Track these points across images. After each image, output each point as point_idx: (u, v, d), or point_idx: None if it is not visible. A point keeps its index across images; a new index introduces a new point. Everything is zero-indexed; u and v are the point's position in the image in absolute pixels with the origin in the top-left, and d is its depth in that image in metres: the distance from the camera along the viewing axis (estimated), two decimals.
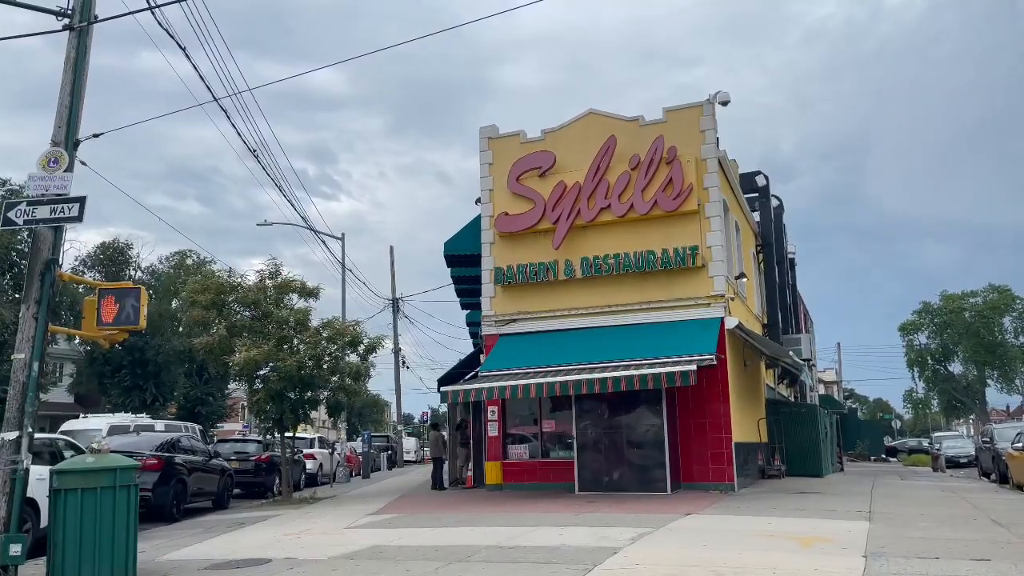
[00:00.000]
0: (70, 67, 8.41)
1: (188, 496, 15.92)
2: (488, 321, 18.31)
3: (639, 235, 17.21)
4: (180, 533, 12.30)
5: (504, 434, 18.00)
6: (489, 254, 18.43)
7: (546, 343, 17.30)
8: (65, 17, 8.44)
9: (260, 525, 12.98)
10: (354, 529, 11.75)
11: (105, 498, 7.63)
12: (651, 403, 16.17)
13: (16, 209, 8.12)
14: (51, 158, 8.18)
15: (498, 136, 18.88)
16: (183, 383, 35.33)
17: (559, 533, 10.06)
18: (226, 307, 18.22)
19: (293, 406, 17.99)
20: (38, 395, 8.03)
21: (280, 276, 18.65)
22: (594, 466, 16.52)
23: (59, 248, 8.40)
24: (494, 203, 18.47)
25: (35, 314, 7.96)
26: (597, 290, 17.45)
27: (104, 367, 33.07)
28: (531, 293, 17.94)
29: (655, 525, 10.51)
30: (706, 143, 17.22)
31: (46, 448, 10.92)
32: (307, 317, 18.57)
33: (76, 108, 8.43)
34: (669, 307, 16.85)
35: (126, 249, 33.91)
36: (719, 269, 16.75)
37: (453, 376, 21.99)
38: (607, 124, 17.84)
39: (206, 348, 18.00)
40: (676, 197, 16.83)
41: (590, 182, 17.49)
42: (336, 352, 18.67)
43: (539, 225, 17.80)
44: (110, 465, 7.89)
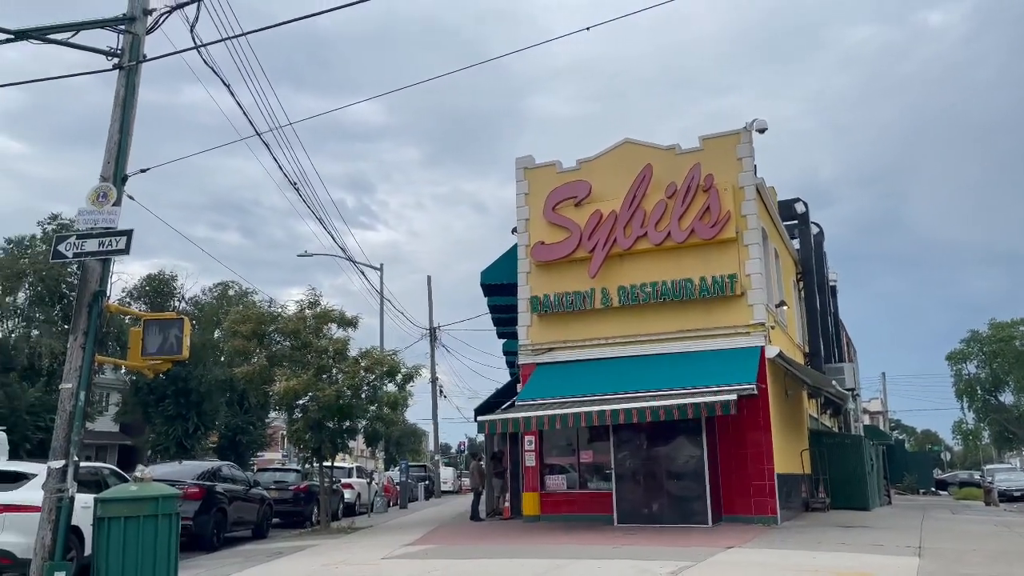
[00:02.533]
0: (119, 105, 8.70)
1: (228, 525, 16.02)
2: (525, 350, 18.29)
3: (676, 263, 17.11)
4: (220, 562, 12.37)
5: (541, 464, 17.86)
6: (525, 283, 18.45)
7: (583, 372, 17.19)
8: (115, 57, 8.74)
9: (298, 555, 13.01)
10: (391, 560, 11.71)
11: (147, 526, 7.73)
12: (691, 433, 15.94)
13: (66, 242, 8.37)
14: (100, 193, 8.43)
15: (534, 166, 19.00)
16: (224, 412, 35.76)
17: (598, 566, 9.92)
18: (266, 337, 18.48)
19: (332, 435, 18.11)
20: (84, 424, 8.18)
21: (319, 306, 18.88)
22: (633, 497, 16.29)
23: (107, 280, 8.61)
24: (530, 232, 18.53)
25: (82, 344, 8.15)
26: (634, 319, 17.33)
27: (149, 396, 33.65)
28: (568, 322, 17.89)
29: (696, 558, 10.30)
30: (743, 171, 17.11)
31: (91, 477, 11.11)
32: (346, 347, 18.74)
33: (124, 144, 8.70)
34: (708, 336, 16.66)
35: (171, 280, 34.64)
36: (758, 297, 16.54)
37: (490, 405, 21.93)
38: (643, 153, 17.85)
39: (247, 377, 18.26)
40: (713, 225, 16.73)
41: (626, 211, 17.47)
42: (374, 381, 18.80)
43: (575, 254, 17.80)
44: (153, 494, 8.01)
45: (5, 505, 9.60)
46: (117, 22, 8.82)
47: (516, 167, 19.15)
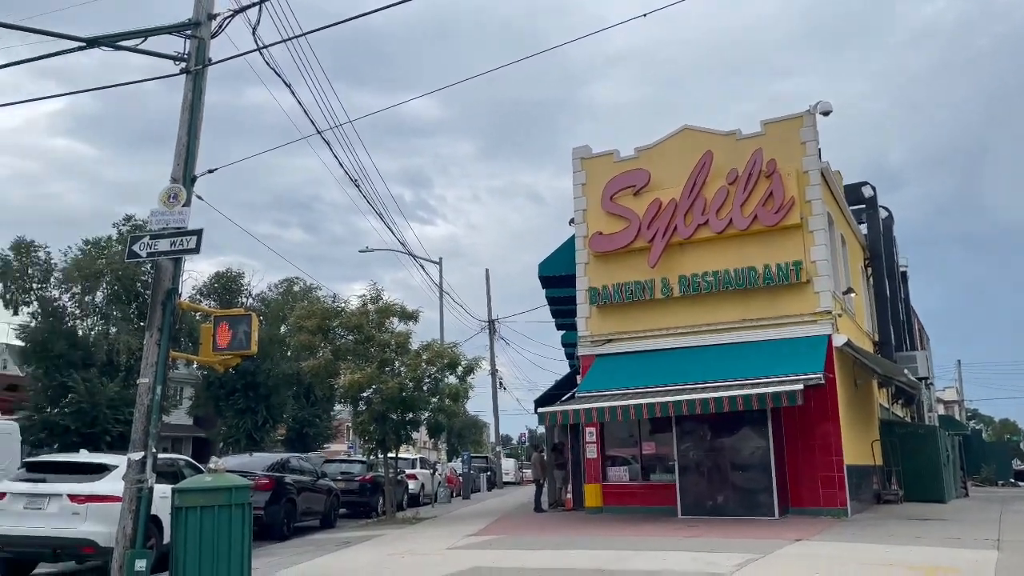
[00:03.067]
0: (186, 108, 8.96)
1: (298, 515, 16.44)
2: (584, 342, 18.23)
3: (739, 251, 16.82)
4: (290, 551, 12.71)
5: (603, 456, 17.81)
6: (584, 274, 18.39)
7: (644, 363, 17.06)
8: (182, 62, 9.01)
9: (365, 544, 13.27)
10: (456, 550, 11.85)
11: (222, 516, 7.98)
12: (756, 424, 15.68)
13: (140, 242, 8.68)
14: (170, 194, 8.72)
15: (591, 156, 18.89)
16: (291, 405, 36.62)
17: (662, 557, 9.85)
18: (331, 332, 18.85)
19: (395, 427, 18.41)
20: (161, 417, 8.49)
21: (381, 301, 19.18)
22: (696, 489, 16.12)
23: (178, 278, 8.90)
24: (588, 223, 18.44)
25: (158, 341, 8.45)
26: (696, 308, 17.11)
27: (219, 390, 34.68)
28: (627, 313, 17.77)
29: (763, 551, 10.14)
30: (807, 155, 16.70)
31: (168, 468, 11.52)
32: (407, 340, 19.00)
33: (193, 146, 8.97)
34: (772, 325, 16.35)
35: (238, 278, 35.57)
36: (825, 284, 16.14)
37: (550, 397, 21.96)
38: (702, 139, 17.58)
39: (313, 371, 18.68)
40: (777, 211, 16.38)
41: (686, 199, 17.24)
42: (435, 374, 19.03)
43: (634, 244, 17.65)
44: (226, 484, 8.27)
45: (88, 496, 10.03)
46: (183, 27, 9.08)
47: (573, 157, 19.07)
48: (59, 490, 10.17)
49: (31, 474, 10.84)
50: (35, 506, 10.14)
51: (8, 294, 29.19)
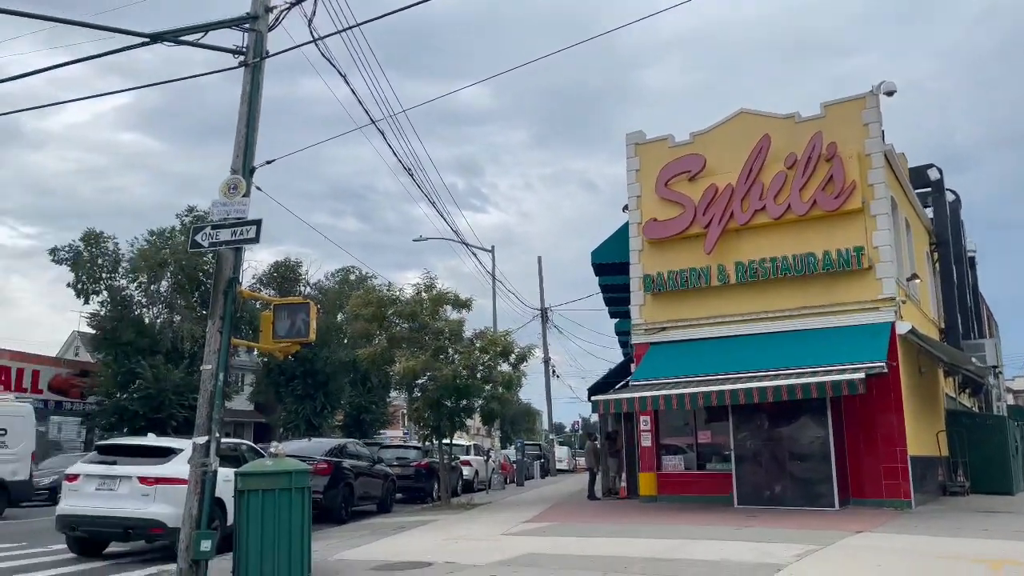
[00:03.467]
0: (245, 101, 9.13)
1: (355, 499, 16.75)
2: (638, 330, 18.10)
3: (798, 237, 16.46)
4: (348, 534, 12.97)
5: (657, 445, 17.68)
6: (638, 261, 18.23)
7: (699, 351, 16.86)
8: (240, 55, 9.17)
9: (421, 529, 13.46)
10: (510, 536, 11.93)
11: (283, 499, 8.20)
12: (815, 413, 15.37)
13: (202, 233, 8.89)
14: (231, 185, 8.90)
15: (645, 141, 18.67)
16: (348, 392, 37.29)
17: (719, 547, 9.75)
18: (386, 320, 19.11)
19: (450, 414, 18.60)
20: (224, 403, 8.71)
21: (435, 289, 19.35)
22: (754, 479, 15.89)
23: (239, 268, 9.09)
24: (642, 209, 18.26)
25: (220, 328, 8.66)
26: (753, 295, 16.82)
27: (279, 377, 35.51)
28: (682, 300, 17.56)
29: (823, 542, 9.96)
30: (870, 137, 16.21)
31: (231, 452, 11.84)
32: (461, 328, 19.15)
33: (251, 138, 9.13)
34: (832, 312, 15.97)
35: (296, 267, 36.31)
36: (888, 270, 15.69)
37: (603, 386, 21.87)
38: (760, 123, 17.21)
39: (369, 358, 18.98)
40: (838, 196, 15.97)
41: (743, 184, 16.93)
42: (489, 362, 19.13)
43: (690, 230, 17.41)
44: (287, 469, 8.48)
45: (156, 478, 10.39)
46: (242, 21, 9.24)
47: (626, 143, 18.88)
48: (129, 472, 10.55)
49: (103, 456, 11.25)
50: (107, 487, 10.54)
51: (80, 284, 30.34)
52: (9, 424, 17.64)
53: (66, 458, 21.84)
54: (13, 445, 17.64)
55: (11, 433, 17.59)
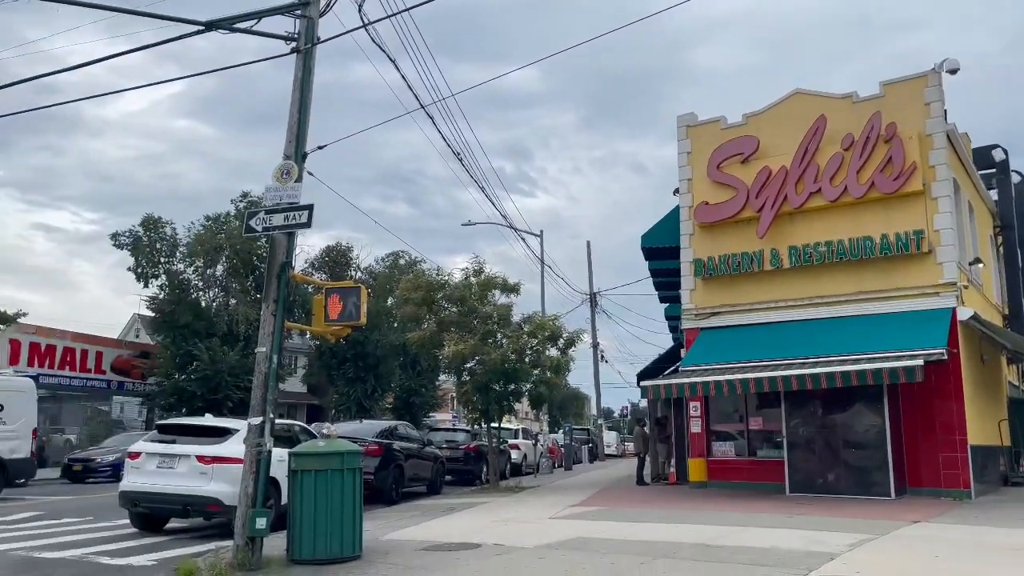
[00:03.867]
0: (297, 87, 9.24)
1: (405, 481, 16.97)
2: (688, 315, 17.90)
3: (854, 220, 16.05)
4: (399, 515, 13.16)
5: (707, 430, 17.52)
6: (688, 245, 18.00)
7: (751, 337, 16.61)
8: (292, 41, 9.28)
9: (469, 511, 13.58)
10: (558, 519, 11.97)
11: (335, 479, 8.36)
12: (871, 401, 15.03)
13: (256, 218, 9.05)
14: (283, 170, 9.04)
15: (696, 123, 18.38)
16: (398, 375, 37.73)
17: (769, 535, 9.63)
18: (435, 304, 19.25)
19: (498, 398, 18.70)
20: (277, 384, 8.89)
21: (483, 274, 19.41)
22: (806, 466, 15.64)
23: (292, 252, 9.25)
24: (693, 193, 18.00)
25: (273, 312, 8.83)
26: (806, 280, 16.49)
27: (331, 360, 36.09)
28: (734, 285, 17.30)
29: (877, 532, 9.76)
30: (931, 117, 15.69)
31: (284, 433, 12.09)
32: (509, 312, 19.19)
33: (303, 123, 9.25)
34: (889, 297, 15.57)
35: (347, 251, 36.77)
36: (949, 254, 15.21)
37: (652, 371, 21.74)
38: (816, 103, 16.79)
39: (418, 342, 19.18)
40: (897, 178, 15.51)
41: (797, 166, 16.55)
42: (537, 346, 19.15)
43: (742, 214, 17.12)
44: (338, 449, 8.64)
45: (213, 457, 10.67)
46: (293, 8, 9.34)
47: (677, 125, 18.61)
48: (188, 451, 10.85)
49: (163, 436, 11.59)
50: (167, 465, 10.87)
51: (139, 268, 31.20)
52: (7, 400, 16.91)
53: (128, 437, 22.57)
54: (12, 422, 16.95)
55: (9, 409, 16.87)
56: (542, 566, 7.94)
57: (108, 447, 23.10)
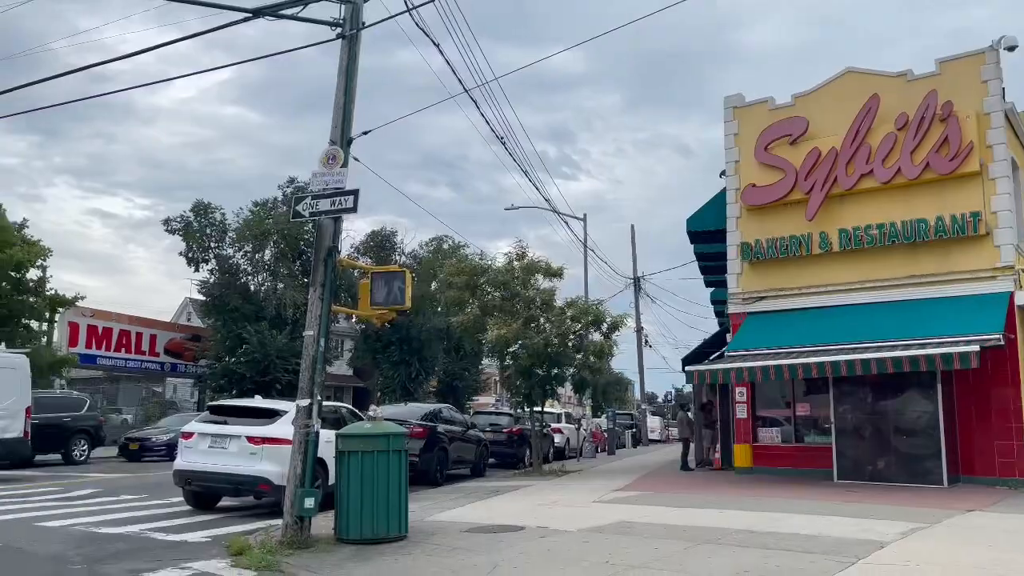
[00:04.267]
0: (342, 72, 9.31)
1: (449, 463, 17.14)
2: (735, 299, 17.67)
3: (907, 202, 15.63)
4: (443, 497, 13.31)
5: (753, 416, 17.32)
6: (735, 229, 17.74)
7: (799, 322, 16.34)
8: (337, 27, 9.35)
9: (513, 494, 13.67)
10: (601, 503, 11.98)
11: (381, 460, 8.50)
12: (923, 387, 14.69)
13: (303, 203, 9.18)
14: (329, 156, 9.14)
15: (744, 104, 18.04)
16: (442, 359, 38.07)
17: (817, 522, 9.51)
18: (479, 288, 19.32)
19: (541, 382, 18.72)
20: (324, 367, 9.04)
21: (526, 258, 19.40)
22: (855, 453, 15.38)
23: (338, 237, 9.36)
24: (740, 175, 17.72)
25: (320, 296, 8.97)
26: (857, 264, 16.13)
27: (376, 343, 36.56)
28: (781, 269, 17.01)
29: (929, 520, 9.56)
30: (989, 95, 15.16)
31: (331, 414, 12.29)
32: (552, 297, 19.16)
33: (349, 109, 9.33)
34: (943, 281, 15.15)
35: (391, 236, 37.13)
36: (1007, 237, 14.73)
37: (698, 356, 21.54)
38: (868, 82, 16.34)
39: (462, 326, 19.29)
40: (953, 158, 15.05)
41: (848, 147, 16.16)
42: (580, 331, 19.11)
43: (790, 196, 16.80)
44: (384, 431, 8.77)
45: (263, 438, 10.90)
46: None
47: (724, 106, 18.30)
48: (238, 432, 11.11)
49: (214, 416, 11.89)
50: (219, 445, 11.15)
51: (190, 252, 31.95)
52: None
53: (181, 417, 23.18)
54: (2, 400, 16.03)
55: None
56: (586, 549, 7.97)
57: (162, 427, 23.76)
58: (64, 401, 21.95)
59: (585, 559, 7.44)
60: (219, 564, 7.51)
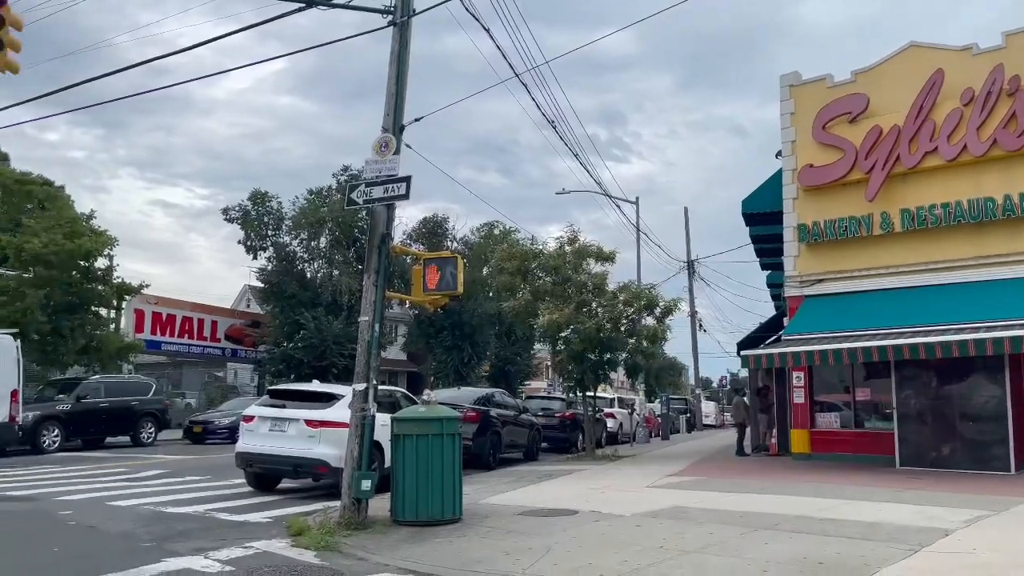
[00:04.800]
0: (394, 60, 9.38)
1: (502, 447, 17.26)
2: (791, 282, 17.32)
3: (973, 180, 15.09)
4: (496, 480, 13.42)
5: (811, 401, 17.01)
6: (792, 210, 17.36)
7: (858, 304, 15.95)
8: (388, 14, 9.40)
9: (566, 478, 13.71)
10: (655, 488, 11.93)
11: (435, 443, 8.62)
12: (990, 371, 14.22)
13: (357, 191, 9.30)
14: (382, 143, 9.22)
15: (800, 83, 17.60)
16: (494, 344, 38.23)
17: (877, 509, 9.31)
18: (530, 273, 19.34)
19: (593, 367, 18.67)
20: (379, 352, 9.18)
21: (578, 242, 19.33)
22: (918, 439, 14.99)
23: (391, 223, 9.47)
24: (797, 155, 17.31)
25: (375, 282, 9.09)
26: (920, 245, 15.66)
27: (429, 328, 36.89)
28: (840, 251, 16.61)
29: (996, 508, 9.28)
30: None
31: (387, 398, 12.47)
32: (604, 281, 19.07)
33: (401, 96, 9.39)
34: (1012, 262, 14.61)
35: (443, 222, 37.32)
36: None
37: (753, 340, 21.21)
38: (931, 57, 15.78)
39: (513, 311, 19.35)
40: (1021, 134, 14.47)
41: (911, 124, 15.65)
42: (633, 315, 18.98)
43: (850, 176, 16.36)
44: (438, 415, 8.88)
45: (321, 421, 11.13)
46: None
47: (780, 85, 17.87)
48: (297, 415, 11.36)
49: (274, 400, 12.18)
50: (278, 429, 11.42)
51: (248, 240, 32.65)
52: None
53: (242, 401, 23.82)
54: None
55: None
56: (639, 534, 7.96)
57: (224, 411, 24.43)
58: (132, 386, 22.78)
59: (639, 543, 7.43)
60: (280, 544, 7.72)
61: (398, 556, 7.14)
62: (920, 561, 6.55)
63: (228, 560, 6.93)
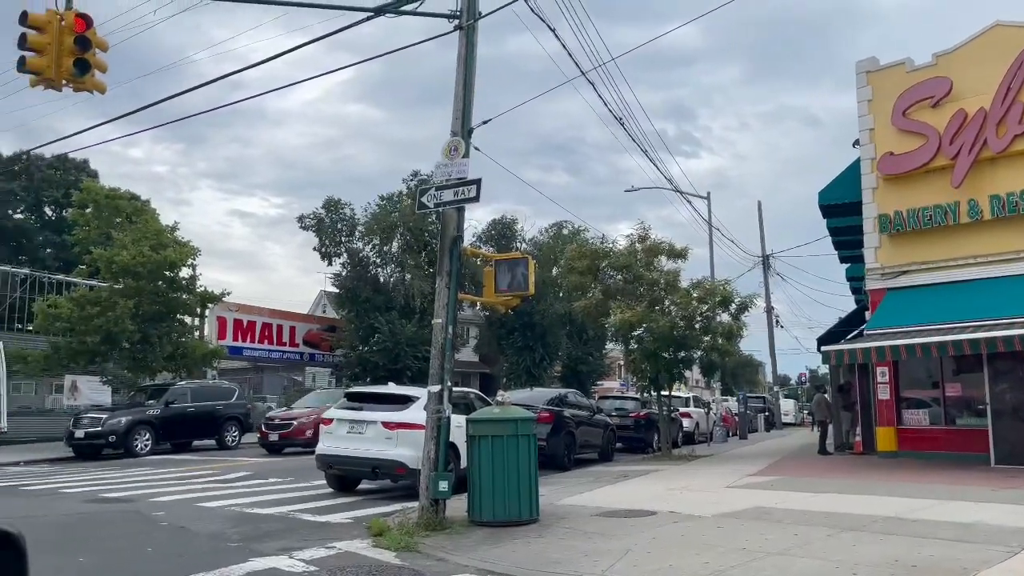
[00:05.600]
0: (461, 63, 9.45)
1: (577, 447, 17.17)
2: (873, 274, 16.73)
3: None
4: (574, 480, 13.36)
5: (897, 397, 16.38)
6: (871, 200, 16.76)
7: (945, 296, 15.28)
8: (455, 19, 9.48)
9: (642, 479, 13.55)
10: (734, 488, 11.69)
11: (510, 444, 8.63)
12: None
13: (427, 194, 9.41)
14: (451, 147, 9.30)
15: (878, 68, 16.98)
16: (565, 344, 38.14)
17: (971, 509, 8.89)
18: (600, 272, 19.21)
19: (667, 365, 18.40)
20: (453, 354, 9.25)
21: (648, 240, 19.10)
22: (1015, 436, 14.26)
23: (462, 226, 9.54)
24: (875, 143, 16.71)
25: (447, 284, 9.18)
26: (1010, 233, 14.91)
27: (500, 330, 37.09)
28: (924, 241, 15.95)
29: None
30: None
31: (461, 400, 12.56)
32: (676, 278, 18.79)
33: (468, 99, 9.46)
34: None
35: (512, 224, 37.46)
36: None
37: (834, 335, 20.57)
38: (1018, 36, 15.01)
39: (584, 311, 19.24)
40: None
41: (999, 106, 14.92)
42: (707, 312, 18.65)
43: (933, 162, 15.70)
44: (512, 416, 8.90)
45: (398, 423, 11.28)
46: None
47: (856, 72, 17.28)
48: (374, 417, 11.54)
49: (351, 403, 12.42)
50: (356, 431, 11.63)
51: (323, 247, 33.46)
52: None
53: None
54: None
55: None
56: (721, 535, 7.80)
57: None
58: (216, 390, 23.57)
59: (720, 545, 7.28)
60: (360, 544, 7.87)
61: (476, 557, 7.18)
62: (1020, 564, 6.22)
63: (312, 560, 7.09)
